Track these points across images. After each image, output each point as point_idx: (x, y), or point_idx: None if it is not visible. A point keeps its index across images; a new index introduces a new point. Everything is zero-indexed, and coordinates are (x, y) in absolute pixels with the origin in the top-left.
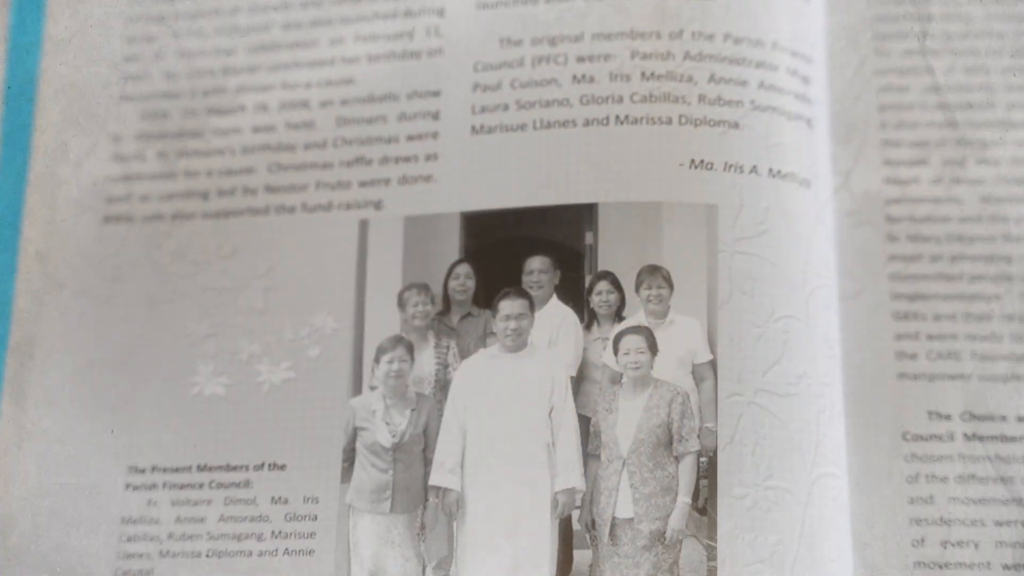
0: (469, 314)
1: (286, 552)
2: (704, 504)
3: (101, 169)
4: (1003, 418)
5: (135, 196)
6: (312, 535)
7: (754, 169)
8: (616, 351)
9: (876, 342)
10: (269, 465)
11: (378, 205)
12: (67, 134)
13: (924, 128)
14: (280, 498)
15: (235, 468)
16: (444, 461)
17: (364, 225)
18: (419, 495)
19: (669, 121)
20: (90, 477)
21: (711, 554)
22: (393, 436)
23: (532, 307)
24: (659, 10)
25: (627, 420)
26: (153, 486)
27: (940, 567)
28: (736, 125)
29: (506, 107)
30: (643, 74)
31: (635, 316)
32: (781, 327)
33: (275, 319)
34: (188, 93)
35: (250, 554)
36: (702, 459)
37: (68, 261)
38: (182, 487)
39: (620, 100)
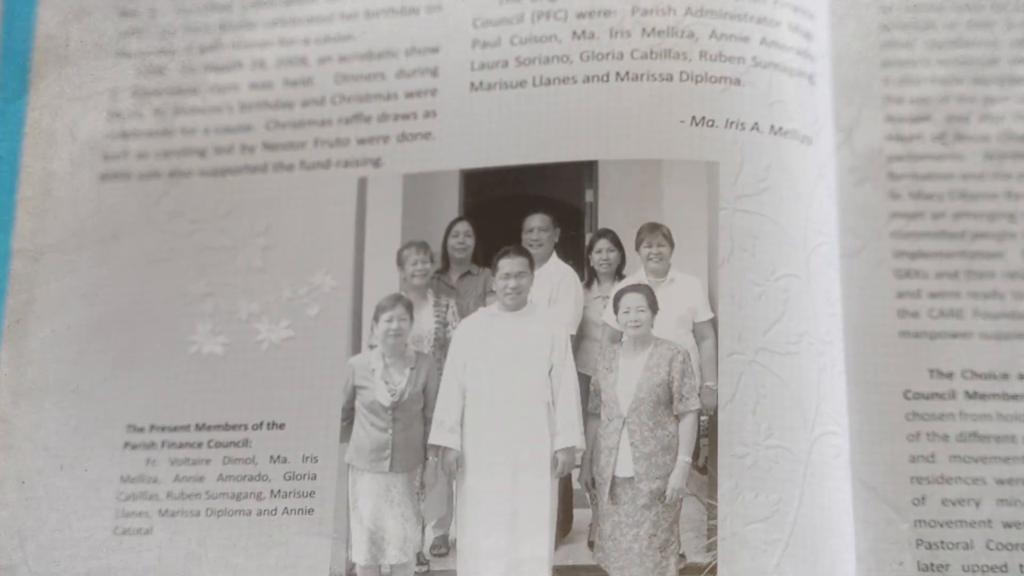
0: (468, 272)
1: (285, 511)
2: (704, 463)
3: (98, 126)
4: (1004, 376)
5: (132, 153)
6: (311, 494)
7: (755, 126)
8: (616, 309)
9: (877, 300)
10: (268, 424)
11: (377, 163)
12: (63, 91)
13: (927, 84)
14: (279, 457)
15: (234, 427)
16: (443, 420)
17: (363, 183)
18: (418, 454)
19: (670, 78)
20: (89, 436)
21: (711, 513)
22: (392, 395)
23: (532, 265)
24: None
25: (627, 379)
26: (152, 445)
27: (941, 525)
28: (737, 82)
29: (505, 64)
30: (644, 30)
31: (635, 274)
32: (782, 285)
33: (274, 278)
34: (184, 49)
35: (249, 513)
36: (703, 418)
37: (65, 219)
38: (181, 446)
39: (620, 57)
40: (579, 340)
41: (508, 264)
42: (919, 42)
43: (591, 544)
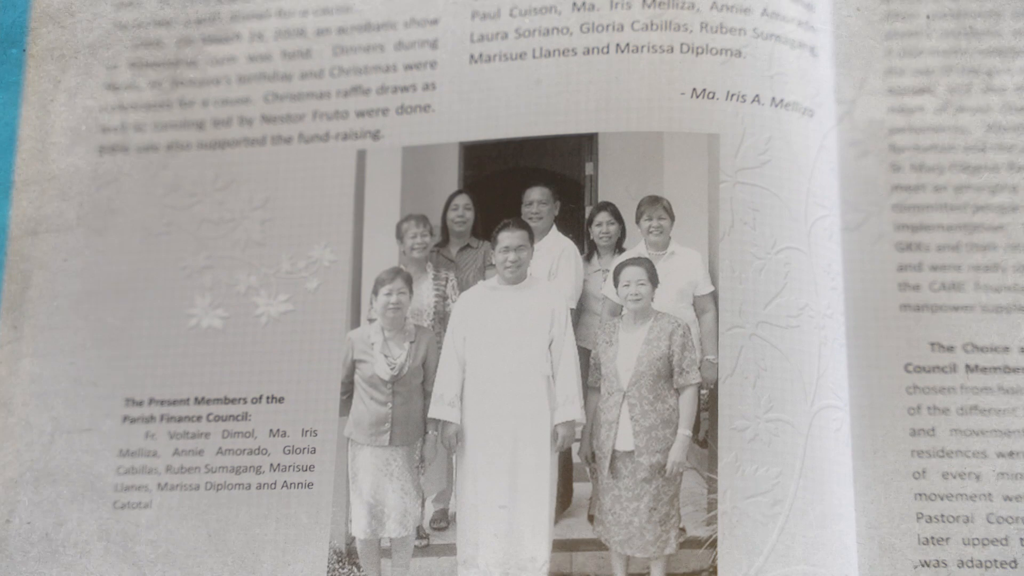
0: (468, 246)
1: (284, 485)
2: (705, 436)
3: (95, 98)
4: (1006, 349)
5: (130, 126)
6: (311, 468)
7: (756, 98)
8: (616, 283)
9: (879, 273)
10: (267, 398)
11: (376, 135)
12: (60, 63)
13: (929, 56)
14: (278, 431)
15: (233, 401)
16: (443, 394)
17: (362, 155)
18: (418, 428)
19: (671, 49)
20: (87, 410)
21: (711, 487)
22: (392, 369)
23: (531, 238)
24: None
25: (627, 352)
26: (151, 419)
27: (941, 498)
28: (739, 53)
29: (505, 35)
30: (644, 1)
31: (636, 247)
32: (783, 258)
33: (273, 251)
34: (182, 21)
35: (248, 487)
36: (703, 391)
37: (63, 192)
38: (180, 420)
39: (621, 28)
40: (579, 314)
41: (508, 237)
42: (921, 13)
43: (591, 518)
